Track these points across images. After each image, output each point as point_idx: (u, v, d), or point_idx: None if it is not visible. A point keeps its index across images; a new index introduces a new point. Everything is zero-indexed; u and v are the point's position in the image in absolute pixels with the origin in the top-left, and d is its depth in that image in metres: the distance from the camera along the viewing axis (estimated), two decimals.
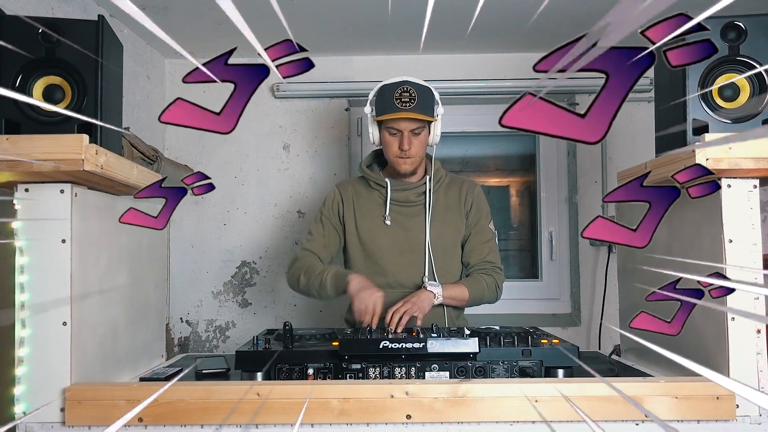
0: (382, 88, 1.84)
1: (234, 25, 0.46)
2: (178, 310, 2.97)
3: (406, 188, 1.93)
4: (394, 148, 1.85)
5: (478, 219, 1.96)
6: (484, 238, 1.96)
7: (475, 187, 2.01)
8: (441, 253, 1.91)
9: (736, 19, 1.30)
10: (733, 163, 1.23)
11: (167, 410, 1.22)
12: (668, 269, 1.42)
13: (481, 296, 1.90)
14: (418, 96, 1.80)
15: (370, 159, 2.03)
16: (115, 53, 1.41)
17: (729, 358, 1.26)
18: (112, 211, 1.46)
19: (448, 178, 2.01)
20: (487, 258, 1.94)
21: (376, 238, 1.93)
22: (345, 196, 1.98)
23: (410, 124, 1.81)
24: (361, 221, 1.95)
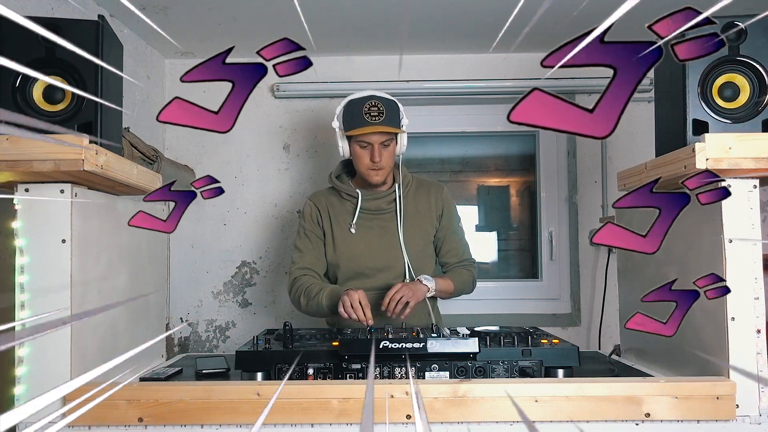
0: (350, 102, 1.92)
1: (234, 26, 0.46)
2: (178, 310, 2.97)
3: (377, 197, 2.01)
4: (366, 160, 1.92)
5: (450, 221, 2.08)
6: (457, 238, 2.09)
7: (442, 189, 2.11)
8: (414, 257, 2.00)
9: (736, 19, 1.30)
10: (733, 163, 1.23)
11: (167, 410, 1.22)
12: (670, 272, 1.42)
13: (463, 288, 2.05)
14: (385, 110, 1.88)
15: (339, 170, 2.11)
16: (115, 53, 1.41)
17: (729, 359, 1.26)
18: (112, 211, 1.46)
19: (415, 181, 2.10)
20: (463, 256, 2.10)
21: (350, 246, 2.00)
22: (320, 207, 2.05)
23: (380, 137, 1.89)
24: (337, 231, 2.02)
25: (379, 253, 2.00)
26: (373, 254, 2.00)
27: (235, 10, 2.39)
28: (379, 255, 2.00)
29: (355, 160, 1.96)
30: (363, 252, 2.00)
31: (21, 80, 1.27)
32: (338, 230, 2.02)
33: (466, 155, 3.15)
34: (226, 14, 2.43)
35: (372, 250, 2.00)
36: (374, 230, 2.01)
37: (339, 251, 2.01)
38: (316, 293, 1.87)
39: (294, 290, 1.96)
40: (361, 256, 1.99)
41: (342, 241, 2.01)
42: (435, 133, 3.04)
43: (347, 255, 2.00)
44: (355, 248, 2.00)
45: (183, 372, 1.52)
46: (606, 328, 2.68)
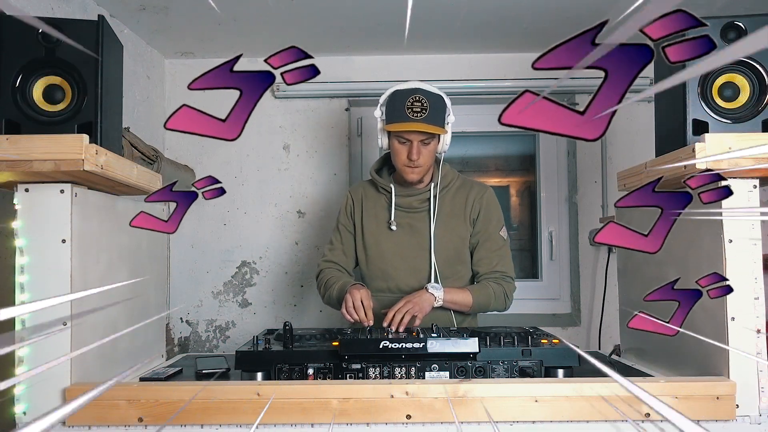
0: (394, 93, 1.82)
1: (234, 26, 0.46)
2: (178, 310, 2.97)
3: (410, 194, 1.92)
4: (403, 156, 1.82)
5: (486, 226, 1.91)
6: (493, 246, 1.90)
7: (485, 192, 1.95)
8: (443, 260, 1.89)
9: (736, 19, 1.30)
10: (733, 163, 1.23)
11: (167, 410, 1.22)
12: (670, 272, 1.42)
13: (487, 304, 1.86)
14: (430, 106, 1.77)
15: (380, 162, 2.03)
16: (115, 53, 1.41)
17: (729, 359, 1.26)
18: (112, 211, 1.46)
19: (458, 181, 1.97)
20: (497, 267, 1.89)
21: (379, 242, 1.93)
22: (356, 200, 2.00)
23: (420, 135, 1.79)
24: (367, 224, 1.96)
25: (406, 253, 1.91)
26: (401, 254, 1.91)
27: (235, 10, 2.39)
28: (406, 255, 1.91)
29: (393, 155, 1.87)
30: (391, 250, 1.92)
31: (21, 80, 1.27)
32: (369, 223, 1.95)
33: (466, 155, 3.15)
34: (226, 14, 2.42)
35: (400, 249, 1.91)
36: (404, 228, 1.92)
37: (368, 246, 1.94)
38: (330, 286, 1.86)
39: (318, 282, 1.97)
40: (387, 254, 1.91)
41: (371, 236, 1.94)
42: None
43: (375, 251, 1.93)
44: (384, 245, 1.92)
45: (183, 372, 1.52)
46: (606, 328, 2.68)
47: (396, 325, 1.59)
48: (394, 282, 1.90)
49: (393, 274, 1.91)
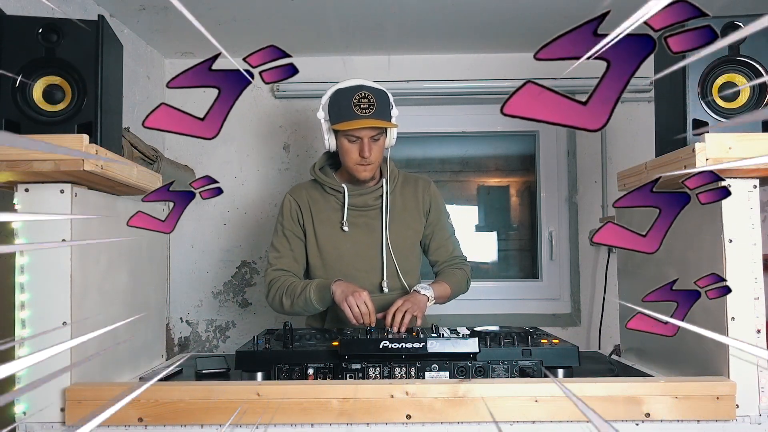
0: (337, 92, 1.79)
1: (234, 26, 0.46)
2: (178, 310, 2.97)
3: (363, 192, 1.90)
4: (354, 155, 1.80)
5: (438, 217, 1.98)
6: (446, 235, 1.99)
7: (430, 185, 2.00)
8: (401, 255, 1.90)
9: (736, 19, 1.30)
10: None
11: (167, 410, 1.22)
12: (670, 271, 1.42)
13: (459, 290, 1.96)
14: (376, 101, 1.75)
15: (323, 161, 1.97)
16: (115, 53, 1.41)
17: (729, 358, 1.26)
18: (112, 211, 1.46)
19: (401, 176, 1.97)
20: (454, 253, 1.99)
21: (336, 244, 1.89)
22: (301, 203, 1.92)
23: (370, 131, 1.77)
24: (320, 228, 1.90)
25: (365, 252, 1.89)
26: (359, 254, 1.89)
27: (235, 10, 2.39)
28: (365, 254, 1.89)
29: (343, 155, 1.83)
30: (349, 251, 1.88)
31: (21, 80, 1.27)
32: (321, 227, 1.89)
33: (466, 155, 3.15)
34: (226, 14, 2.42)
35: (358, 249, 1.89)
36: (360, 228, 1.89)
37: (324, 250, 1.89)
38: (302, 290, 1.76)
39: (273, 292, 1.84)
40: (347, 256, 1.88)
41: (327, 239, 1.89)
42: (435, 133, 3.04)
43: (333, 255, 1.88)
44: (341, 247, 1.88)
45: (183, 372, 1.52)
46: (606, 328, 2.68)
47: (398, 325, 1.59)
48: (356, 282, 1.80)
49: (354, 275, 1.86)
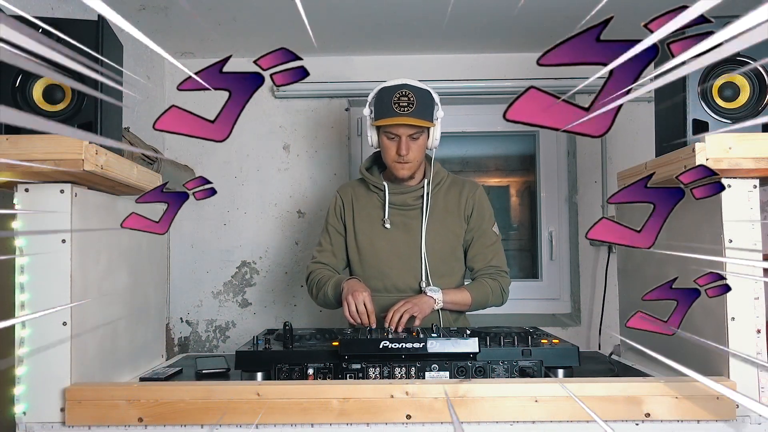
0: (381, 90, 1.83)
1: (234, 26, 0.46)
2: (178, 310, 2.97)
3: (403, 191, 1.92)
4: (392, 152, 1.83)
5: (480, 223, 1.93)
6: (487, 242, 1.93)
7: (477, 189, 1.97)
8: (438, 257, 1.90)
9: (736, 19, 1.30)
10: (733, 163, 1.23)
11: (167, 410, 1.22)
12: (670, 268, 1.42)
13: (485, 301, 1.88)
14: (416, 100, 1.77)
15: (370, 161, 2.02)
16: (115, 53, 1.41)
17: (729, 359, 1.26)
18: (112, 211, 1.46)
19: (449, 179, 1.98)
20: (492, 262, 1.92)
21: (373, 241, 1.92)
22: (345, 201, 1.98)
23: (408, 130, 1.79)
24: (360, 224, 1.94)
25: (401, 251, 1.90)
26: (395, 252, 1.90)
27: (235, 11, 2.39)
28: (401, 253, 1.90)
29: (383, 152, 1.87)
30: (385, 248, 1.91)
31: (21, 79, 1.27)
32: (361, 223, 1.94)
33: (466, 155, 3.15)
34: (226, 14, 2.42)
35: (394, 247, 1.91)
36: (398, 227, 1.92)
37: (362, 246, 1.93)
38: (324, 284, 1.85)
39: (309, 284, 1.95)
40: (382, 253, 1.91)
41: (365, 235, 1.93)
42: None
43: (370, 251, 1.92)
44: (378, 244, 1.91)
45: (183, 372, 1.52)
46: (606, 328, 2.68)
47: (395, 325, 1.59)
48: (390, 281, 1.88)
49: (389, 273, 1.90)
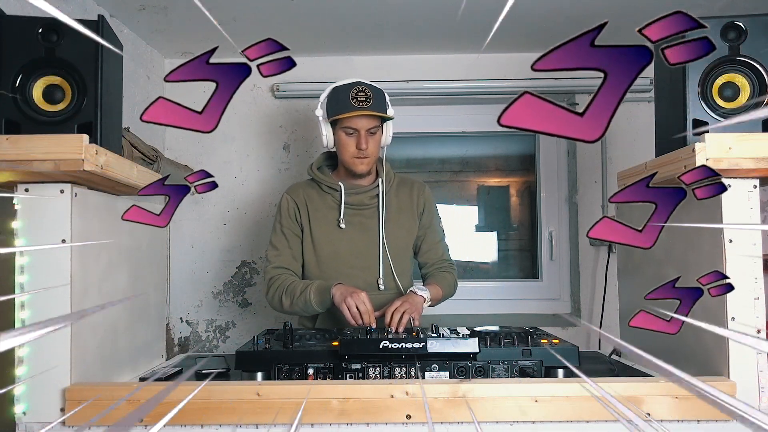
0: (336, 89, 1.84)
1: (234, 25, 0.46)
2: (178, 310, 2.97)
3: (359, 191, 1.92)
4: (351, 148, 1.84)
5: (430, 220, 2.01)
6: (437, 238, 2.02)
7: (425, 188, 2.04)
8: (395, 255, 1.92)
9: (736, 19, 1.30)
10: (733, 163, 1.23)
11: (167, 410, 1.22)
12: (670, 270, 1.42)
13: (449, 294, 1.97)
14: (373, 96, 1.81)
15: (320, 161, 2.02)
16: (115, 53, 1.41)
17: (729, 359, 1.26)
18: (112, 211, 1.46)
19: (396, 178, 2.01)
20: (443, 257, 2.02)
21: (332, 242, 1.91)
22: (298, 202, 1.95)
23: (368, 123, 1.81)
24: (315, 226, 1.92)
25: (360, 250, 1.91)
26: (354, 252, 1.91)
27: (235, 10, 2.39)
28: (360, 253, 1.91)
29: (340, 149, 1.87)
30: (345, 249, 1.90)
31: (21, 80, 1.27)
32: (317, 226, 1.92)
33: (466, 155, 3.15)
34: (226, 14, 2.42)
35: (354, 247, 1.91)
36: (355, 226, 1.92)
37: (319, 248, 1.91)
38: (302, 291, 1.77)
39: (272, 291, 1.85)
40: (342, 254, 1.90)
41: (323, 237, 1.91)
42: (435, 133, 3.04)
43: (329, 252, 1.90)
44: (337, 245, 1.90)
45: (183, 372, 1.52)
46: (606, 328, 2.68)
47: (395, 325, 1.59)
48: (351, 281, 1.82)
49: (348, 273, 1.88)
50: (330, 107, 1.84)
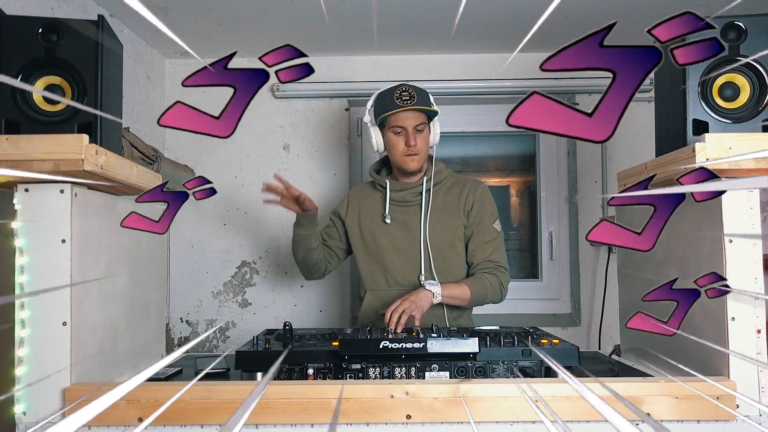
0: (380, 93, 1.93)
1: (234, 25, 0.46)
2: (178, 310, 2.97)
3: (403, 188, 1.98)
4: (401, 146, 1.89)
5: (480, 218, 1.94)
6: (487, 237, 1.93)
7: (479, 186, 2.00)
8: (438, 252, 1.93)
9: (736, 19, 1.30)
10: (733, 163, 1.23)
11: (167, 410, 1.22)
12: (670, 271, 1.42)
13: (484, 295, 1.87)
14: (417, 94, 1.87)
15: (379, 164, 2.10)
16: (115, 53, 1.41)
17: (729, 359, 1.26)
18: (112, 211, 1.46)
19: (452, 179, 2.02)
20: (491, 257, 1.91)
21: (375, 236, 1.99)
22: (352, 199, 2.08)
23: (414, 120, 1.87)
24: (364, 221, 2.02)
25: (401, 246, 1.96)
26: (396, 247, 1.96)
27: (235, 10, 2.39)
28: (401, 248, 1.95)
29: (391, 149, 1.93)
30: (387, 244, 1.97)
31: (21, 80, 1.26)
32: (366, 221, 2.02)
33: (466, 155, 3.15)
34: (226, 14, 2.42)
35: (393, 242, 1.97)
36: (398, 223, 1.98)
37: (366, 241, 2.01)
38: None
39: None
40: (385, 248, 1.97)
41: (368, 231, 2.01)
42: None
43: (373, 246, 1.99)
44: (380, 240, 1.98)
45: (183, 372, 1.52)
46: (606, 328, 2.68)
47: (394, 326, 1.58)
48: (391, 275, 1.95)
49: (390, 267, 1.96)
50: (377, 110, 1.92)
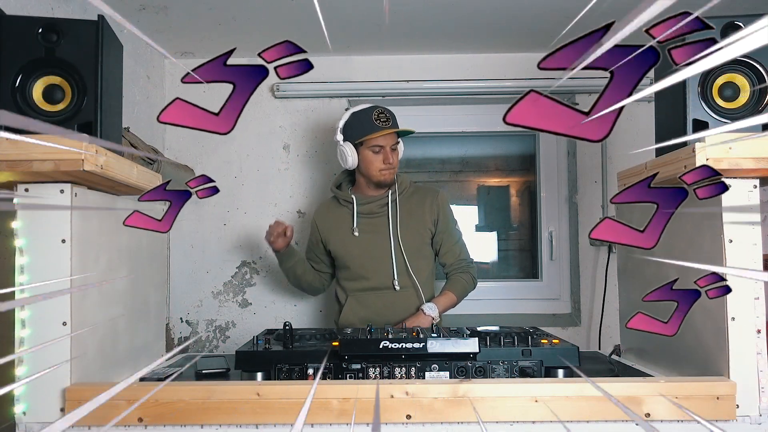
0: (355, 114, 2.08)
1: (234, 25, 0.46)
2: (178, 310, 2.97)
3: (369, 201, 2.16)
4: (378, 164, 2.08)
5: (446, 225, 2.19)
6: (453, 240, 2.20)
7: (438, 194, 2.21)
8: (408, 254, 2.11)
9: (736, 19, 1.30)
10: (733, 163, 1.23)
11: (167, 410, 1.22)
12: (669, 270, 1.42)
13: (464, 294, 2.18)
14: (391, 117, 2.08)
15: (339, 179, 2.28)
16: (115, 53, 1.41)
17: (729, 359, 1.26)
18: (112, 211, 1.46)
19: (412, 188, 2.22)
20: (460, 256, 2.20)
21: (347, 248, 2.16)
22: (317, 219, 2.25)
23: (392, 139, 2.07)
24: (334, 237, 2.19)
25: (373, 254, 2.13)
26: (367, 255, 2.13)
27: (235, 10, 2.39)
28: (373, 256, 2.13)
29: (367, 166, 2.09)
30: (361, 254, 2.14)
31: (21, 80, 1.26)
32: (336, 236, 2.18)
33: (466, 155, 3.15)
34: (226, 14, 2.42)
35: (365, 251, 2.14)
36: (368, 233, 2.15)
37: (339, 254, 2.18)
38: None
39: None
40: (359, 258, 2.14)
41: (339, 245, 2.18)
42: (435, 133, 3.04)
43: (347, 257, 2.16)
44: (351, 250, 2.15)
45: (183, 372, 1.52)
46: (606, 328, 2.68)
47: None
48: (368, 282, 2.14)
49: (365, 275, 2.14)
50: (354, 130, 2.07)
